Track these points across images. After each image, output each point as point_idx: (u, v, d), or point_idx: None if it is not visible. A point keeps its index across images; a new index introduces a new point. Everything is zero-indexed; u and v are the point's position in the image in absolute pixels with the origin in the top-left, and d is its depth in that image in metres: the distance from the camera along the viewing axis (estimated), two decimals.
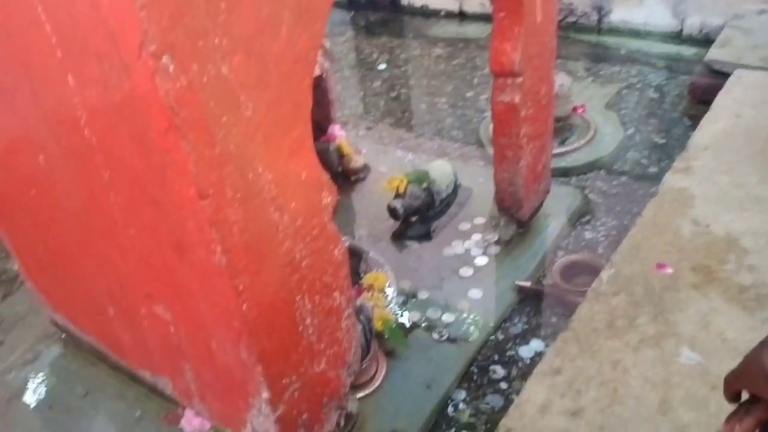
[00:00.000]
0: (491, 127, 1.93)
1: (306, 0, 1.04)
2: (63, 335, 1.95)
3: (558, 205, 2.30)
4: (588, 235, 2.22)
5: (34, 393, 1.81)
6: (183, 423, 1.59)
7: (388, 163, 2.68)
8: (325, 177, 1.22)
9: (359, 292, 1.93)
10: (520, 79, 1.78)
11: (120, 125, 1.02)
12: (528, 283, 1.96)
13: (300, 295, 1.23)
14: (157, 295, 1.32)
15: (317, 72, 1.77)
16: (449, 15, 4.24)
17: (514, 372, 1.75)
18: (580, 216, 2.31)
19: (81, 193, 1.29)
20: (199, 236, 1.05)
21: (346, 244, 2.16)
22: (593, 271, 1.88)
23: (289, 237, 1.16)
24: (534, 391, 1.33)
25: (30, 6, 0.99)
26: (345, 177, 2.58)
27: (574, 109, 2.76)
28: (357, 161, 2.58)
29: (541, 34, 1.81)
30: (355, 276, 2.05)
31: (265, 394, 1.24)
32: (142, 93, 0.92)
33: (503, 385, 1.72)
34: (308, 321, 1.27)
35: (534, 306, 1.95)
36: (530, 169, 1.97)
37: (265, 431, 1.33)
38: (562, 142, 2.69)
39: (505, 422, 1.27)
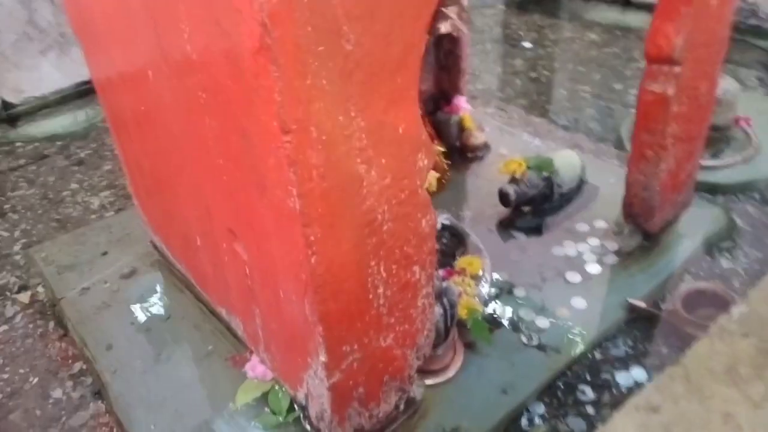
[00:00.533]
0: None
1: None
2: (159, 257, 2.00)
3: (696, 223, 2.01)
4: (725, 264, 1.92)
5: (123, 307, 1.87)
6: (247, 367, 1.55)
7: (512, 146, 2.49)
8: (425, 136, 1.09)
9: (449, 274, 1.80)
10: (678, 69, 1.53)
11: (216, 41, 0.96)
12: (643, 304, 1.72)
13: (376, 260, 1.12)
14: (238, 233, 1.27)
15: (449, 30, 1.64)
16: (612, 0, 3.88)
17: (605, 398, 1.55)
18: (720, 241, 2.00)
19: (181, 114, 1.26)
20: (278, 175, 0.97)
21: (447, 221, 2.05)
22: (722, 304, 1.61)
23: (373, 195, 1.05)
24: (622, 426, 1.13)
25: None
26: (462, 153, 2.43)
27: (736, 120, 2.40)
28: (478, 138, 2.41)
29: (713, 20, 1.53)
30: (450, 258, 1.92)
31: (323, 357, 1.15)
32: (237, 4, 0.84)
33: (590, 410, 1.52)
34: (380, 290, 1.17)
35: (644, 330, 1.71)
36: (671, 175, 1.71)
37: (318, 395, 1.25)
38: (715, 155, 2.35)
39: None
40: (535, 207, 2.05)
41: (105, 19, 1.44)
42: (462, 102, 2.45)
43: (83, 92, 3.09)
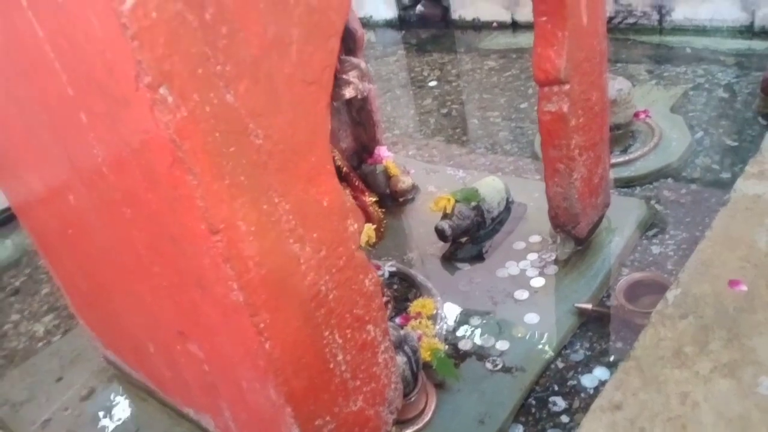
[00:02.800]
0: None
1: (317, 15, 0.99)
2: (115, 371, 1.96)
3: (621, 218, 2.14)
4: (656, 250, 2.05)
5: (87, 429, 1.81)
6: None
7: (438, 182, 2.59)
8: (350, 202, 1.15)
9: (407, 320, 1.84)
10: (567, 87, 1.66)
11: (130, 161, 0.99)
12: (589, 306, 1.81)
13: (329, 330, 1.16)
14: (188, 333, 1.28)
15: (353, 94, 1.73)
16: (502, 26, 4.13)
17: (576, 403, 1.61)
18: (647, 230, 2.13)
19: (108, 231, 1.27)
20: (215, 272, 1.00)
21: (394, 268, 2.10)
22: (662, 290, 1.71)
23: (313, 269, 1.09)
24: (592, 430, 1.19)
25: (39, 44, 0.98)
26: (393, 199, 2.51)
27: (636, 114, 2.58)
28: (405, 182, 2.50)
29: (589, 36, 1.68)
30: (404, 302, 1.97)
31: None
32: (143, 126, 0.88)
33: (564, 419, 1.57)
34: (340, 357, 1.20)
35: (597, 330, 1.80)
36: (585, 183, 1.83)
37: None
38: (625, 151, 2.52)
39: None
40: (471, 236, 2.13)
41: (16, 147, 1.45)
42: (383, 151, 2.54)
43: (5, 220, 3.02)
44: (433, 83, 3.74)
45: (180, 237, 1.03)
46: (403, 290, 2.07)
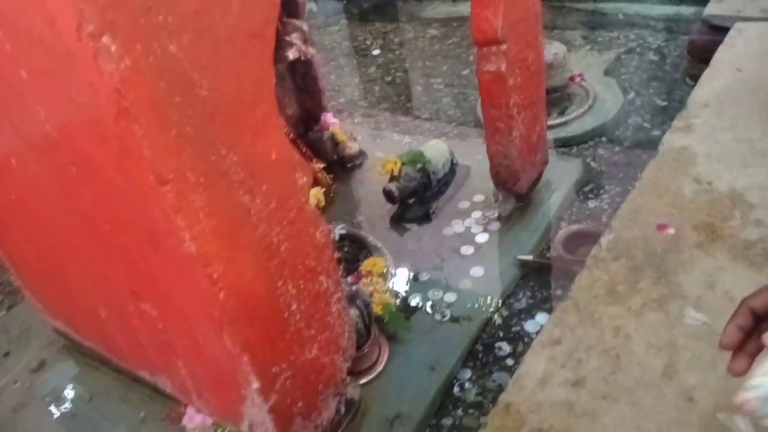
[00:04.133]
0: None
1: None
2: (65, 342, 1.94)
3: (559, 176, 2.24)
4: (592, 204, 2.16)
5: (40, 401, 1.80)
6: (185, 421, 1.56)
7: (385, 148, 2.64)
8: (298, 156, 1.18)
9: (358, 279, 1.89)
10: (504, 46, 1.72)
11: (75, 115, 0.99)
12: (530, 257, 1.91)
13: (282, 280, 1.19)
14: (141, 292, 1.30)
15: (297, 56, 1.74)
16: None
17: (520, 347, 1.70)
18: (583, 186, 2.24)
19: (55, 193, 1.26)
20: (167, 225, 1.02)
21: (344, 231, 2.15)
22: (597, 240, 1.82)
23: (263, 221, 1.12)
24: (533, 364, 1.28)
25: None
26: (341, 165, 2.55)
27: (571, 78, 2.68)
28: (352, 148, 2.53)
29: None
30: (355, 263, 2.02)
31: (255, 384, 1.20)
32: (87, 78, 0.89)
33: (509, 362, 1.67)
34: (294, 307, 1.24)
35: (538, 280, 1.90)
36: (524, 140, 1.91)
37: (261, 422, 1.30)
38: (562, 113, 2.62)
39: (504, 397, 1.22)
40: (418, 197, 2.20)
41: None
42: (329, 118, 2.56)
43: None
44: (376, 52, 3.76)
45: (129, 190, 1.04)
46: (354, 252, 2.11)
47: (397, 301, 1.84)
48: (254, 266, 1.13)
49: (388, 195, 2.12)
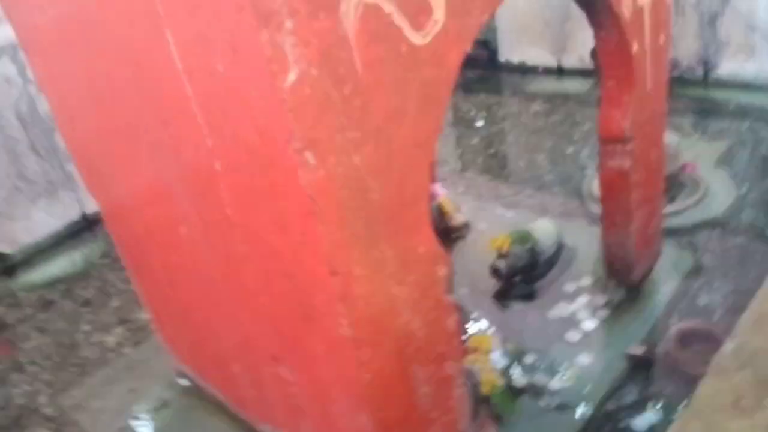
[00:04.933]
0: (595, 184, 1.93)
1: (429, 89, 1.13)
2: (187, 385, 2.09)
3: (670, 267, 2.23)
4: (703, 300, 2.13)
5: None
6: None
7: (488, 221, 2.71)
8: (441, 250, 1.28)
9: (463, 354, 1.95)
10: (629, 146, 1.78)
11: (261, 208, 1.14)
12: (640, 351, 1.90)
13: (415, 365, 1.28)
14: (283, 358, 1.41)
15: None
16: (547, 71, 4.25)
17: None
18: (693, 279, 2.22)
19: (218, 262, 1.42)
20: (328, 309, 1.14)
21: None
22: (710, 339, 1.80)
23: (407, 309, 1.22)
24: None
25: (185, 102, 1.14)
26: (445, 235, 2.63)
27: (683, 167, 2.68)
28: (458, 219, 2.63)
29: (652, 100, 1.80)
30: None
31: None
32: (284, 182, 1.03)
33: None
34: (422, 390, 1.32)
35: (647, 375, 1.89)
36: (640, 234, 1.94)
37: None
38: (671, 201, 2.61)
39: None
40: (524, 276, 2.24)
41: (134, 180, 1.61)
42: (437, 188, 2.67)
43: (75, 233, 3.21)
44: (480, 123, 3.88)
45: (297, 275, 1.16)
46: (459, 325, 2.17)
47: (504, 382, 1.88)
48: (395, 351, 1.22)
49: (496, 272, 2.19)
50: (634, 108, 1.73)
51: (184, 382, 2.10)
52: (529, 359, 1.98)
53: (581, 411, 1.77)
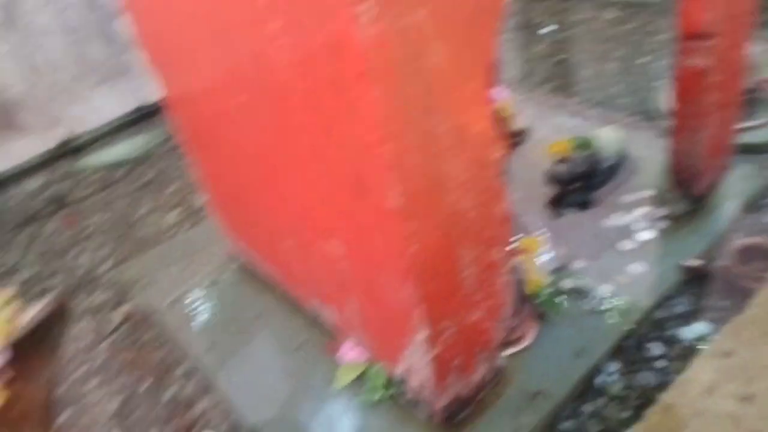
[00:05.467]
0: (664, 96, 1.81)
1: None
2: (240, 264, 2.17)
3: (737, 183, 2.11)
4: None
5: (212, 312, 2.04)
6: (342, 352, 1.71)
7: (549, 129, 2.61)
8: (496, 132, 1.23)
9: (512, 255, 1.93)
10: (711, 42, 1.64)
11: (317, 69, 1.11)
12: (697, 264, 1.84)
13: (462, 246, 1.27)
14: (334, 232, 1.43)
15: None
16: None
17: (673, 352, 1.67)
18: (761, 198, 2.10)
19: (274, 133, 1.42)
20: (379, 179, 1.12)
21: None
22: None
23: (458, 187, 1.20)
24: (700, 371, 1.27)
25: None
26: (504, 140, 2.56)
27: (762, 82, 2.48)
28: (517, 124, 2.54)
29: None
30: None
31: (424, 333, 1.30)
32: (340, 38, 0.99)
33: (659, 364, 1.65)
34: (468, 271, 1.31)
35: (701, 288, 1.83)
36: (712, 141, 1.83)
37: (419, 369, 1.41)
38: (745, 116, 2.44)
39: (665, 398, 1.23)
40: (582, 184, 2.17)
41: (189, 48, 1.60)
42: (500, 91, 2.57)
43: (137, 119, 3.29)
44: (546, 30, 3.67)
45: (350, 143, 1.15)
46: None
47: (550, 283, 1.86)
48: (443, 228, 1.21)
49: (554, 177, 2.12)
50: (718, 0, 1.58)
51: (236, 262, 2.17)
52: (578, 264, 1.95)
53: (627, 317, 1.74)
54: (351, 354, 1.69)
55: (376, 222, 1.22)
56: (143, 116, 3.32)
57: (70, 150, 3.14)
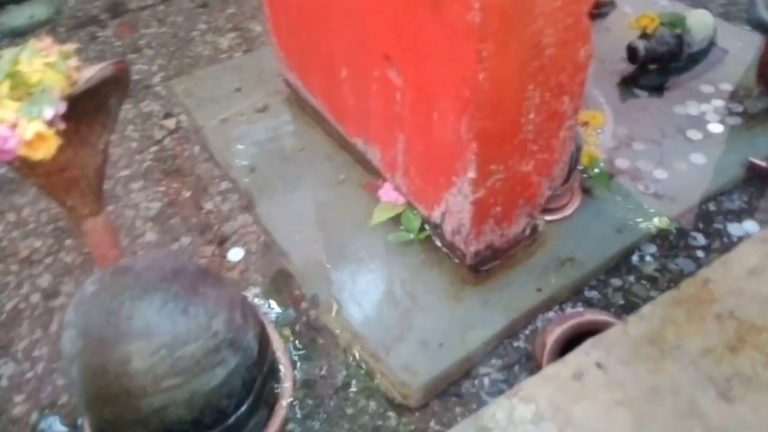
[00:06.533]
0: None
1: None
2: (290, 95, 2.13)
3: None
4: None
5: (258, 138, 2.03)
6: (381, 193, 1.71)
7: (637, 4, 2.41)
8: None
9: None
10: None
11: None
12: (763, 163, 1.75)
13: (533, 85, 1.20)
14: (395, 57, 1.37)
15: None
16: None
17: (716, 244, 1.63)
18: None
19: None
20: None
21: None
22: None
23: (544, 16, 1.11)
24: (747, 253, 1.22)
25: None
26: None
27: None
28: None
29: None
30: None
31: (471, 174, 1.28)
32: None
33: (699, 254, 1.62)
34: (531, 116, 1.25)
35: (760, 188, 1.75)
36: None
37: (459, 211, 1.39)
38: None
39: (705, 272, 1.20)
40: (661, 65, 2.03)
41: None
42: None
43: None
44: None
45: None
46: None
47: (605, 159, 1.80)
48: (518, 59, 1.14)
49: (633, 52, 1.98)
50: None
51: (288, 92, 2.13)
52: (639, 146, 1.86)
53: (678, 203, 1.69)
54: (390, 195, 1.69)
55: (447, 42, 1.15)
56: None
57: None
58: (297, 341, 1.50)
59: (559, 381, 1.04)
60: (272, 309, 1.58)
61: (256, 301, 1.60)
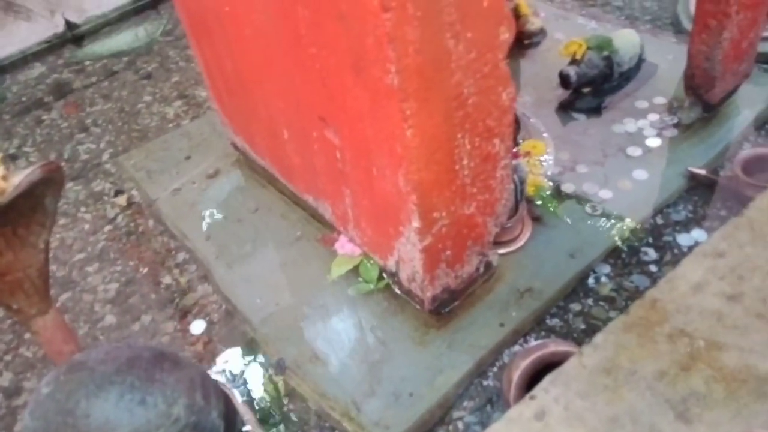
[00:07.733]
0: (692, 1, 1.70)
1: None
2: (240, 157, 2.15)
3: (754, 94, 2.03)
4: None
5: (211, 203, 2.04)
6: (336, 246, 1.73)
7: (567, 30, 2.50)
8: (507, 11, 1.17)
9: (515, 156, 1.90)
10: None
11: None
12: (703, 171, 1.80)
13: (461, 133, 1.23)
14: (329, 118, 1.39)
15: None
16: None
17: (667, 257, 1.67)
18: None
19: (271, 7, 1.35)
20: (377, 53, 1.07)
21: None
22: None
23: (461, 69, 1.14)
24: (690, 269, 1.26)
25: None
26: (518, 39, 2.45)
27: None
28: (534, 24, 2.43)
29: None
30: (514, 142, 2.01)
31: (416, 224, 1.30)
32: None
33: (652, 268, 1.65)
34: (465, 162, 1.28)
35: (704, 196, 1.81)
36: (733, 45, 1.74)
37: (410, 259, 1.41)
38: None
39: (652, 292, 1.23)
40: (595, 87, 2.10)
41: None
42: None
43: (139, 8, 3.18)
44: None
45: (349, 14, 1.09)
46: (514, 131, 2.10)
47: (551, 186, 1.84)
48: (442, 112, 1.17)
49: (565, 79, 2.05)
50: None
51: (235, 155, 2.15)
52: (582, 169, 1.91)
53: (626, 221, 1.73)
54: (346, 248, 1.70)
55: (372, 103, 1.18)
56: (145, 5, 3.20)
57: (71, 38, 3.06)
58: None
59: (522, 423, 1.05)
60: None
61: (225, 369, 1.59)
